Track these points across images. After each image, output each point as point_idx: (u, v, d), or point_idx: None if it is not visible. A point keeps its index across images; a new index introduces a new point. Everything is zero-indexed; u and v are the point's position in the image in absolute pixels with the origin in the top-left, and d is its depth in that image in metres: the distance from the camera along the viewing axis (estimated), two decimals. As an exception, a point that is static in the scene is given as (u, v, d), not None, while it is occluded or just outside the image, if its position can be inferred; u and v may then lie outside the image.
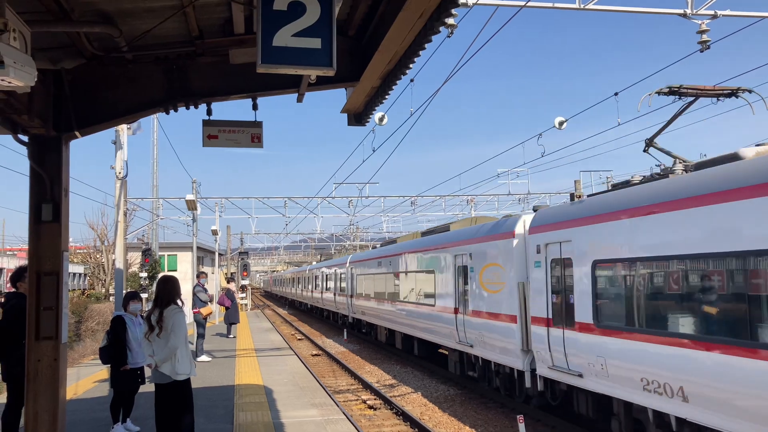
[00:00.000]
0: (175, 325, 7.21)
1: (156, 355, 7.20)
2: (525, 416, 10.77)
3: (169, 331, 7.16)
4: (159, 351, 7.19)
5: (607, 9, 11.28)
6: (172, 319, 7.22)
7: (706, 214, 7.55)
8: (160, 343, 7.19)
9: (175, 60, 6.70)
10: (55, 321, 6.27)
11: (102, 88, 6.67)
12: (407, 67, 6.34)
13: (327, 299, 35.93)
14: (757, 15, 11.51)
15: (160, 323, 7.18)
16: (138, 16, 5.68)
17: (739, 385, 6.94)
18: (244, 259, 46.11)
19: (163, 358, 7.17)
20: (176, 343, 7.18)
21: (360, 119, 7.93)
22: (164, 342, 7.17)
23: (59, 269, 6.34)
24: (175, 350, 7.19)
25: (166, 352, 7.16)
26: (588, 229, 9.83)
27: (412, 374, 18.31)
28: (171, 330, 7.17)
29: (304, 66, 4.47)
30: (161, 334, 7.17)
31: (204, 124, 7.01)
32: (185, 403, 7.40)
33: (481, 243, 13.91)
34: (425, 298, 17.70)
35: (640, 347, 8.51)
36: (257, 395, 12.36)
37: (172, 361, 7.20)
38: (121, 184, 14.62)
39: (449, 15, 5.32)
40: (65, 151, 6.58)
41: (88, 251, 41.55)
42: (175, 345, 7.17)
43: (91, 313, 23.90)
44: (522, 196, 36.01)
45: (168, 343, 7.15)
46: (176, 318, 7.26)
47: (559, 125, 16.78)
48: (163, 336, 7.17)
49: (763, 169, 6.97)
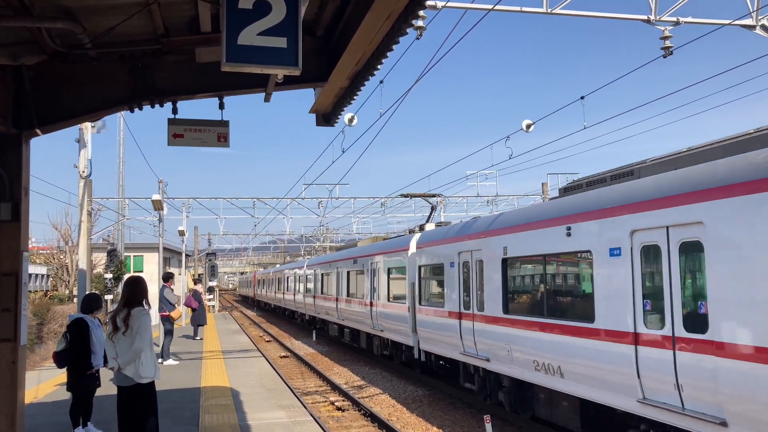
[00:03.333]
0: (141, 326, 7.04)
1: (120, 356, 7.01)
2: (492, 416, 10.87)
3: (135, 332, 6.99)
4: (123, 352, 7.00)
5: (573, 14, 11.45)
6: (139, 321, 7.06)
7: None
8: (124, 344, 7.00)
9: (141, 58, 6.61)
10: (14, 323, 6.13)
11: (65, 85, 6.55)
12: (375, 68, 6.35)
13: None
14: (717, 22, 11.81)
15: (127, 323, 7.01)
16: (102, 13, 5.59)
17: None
18: (211, 260, 45.61)
19: (126, 361, 6.99)
20: (141, 345, 7.02)
21: (329, 119, 7.92)
22: (129, 343, 7.00)
23: (18, 270, 6.21)
24: (139, 353, 7.02)
25: (130, 354, 6.98)
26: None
27: (381, 375, 18.34)
28: (136, 331, 7.00)
29: (270, 65, 4.46)
30: (126, 333, 6.98)
31: (169, 123, 6.93)
32: (149, 406, 7.25)
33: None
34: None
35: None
36: (224, 397, 12.24)
37: (136, 363, 7.02)
38: (85, 184, 14.37)
39: (416, 17, 5.36)
40: (25, 149, 6.45)
41: (51, 252, 40.62)
42: (140, 347, 7.01)
43: (53, 315, 23.33)
44: (491, 198, 36.33)
45: (132, 345, 6.98)
46: (143, 320, 7.11)
47: (526, 128, 16.94)
48: (128, 336, 6.99)
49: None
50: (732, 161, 6.91)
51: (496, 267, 11.43)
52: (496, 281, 11.45)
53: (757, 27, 11.92)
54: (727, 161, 7.00)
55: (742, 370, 6.23)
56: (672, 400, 7.17)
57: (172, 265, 41.18)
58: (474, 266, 12.52)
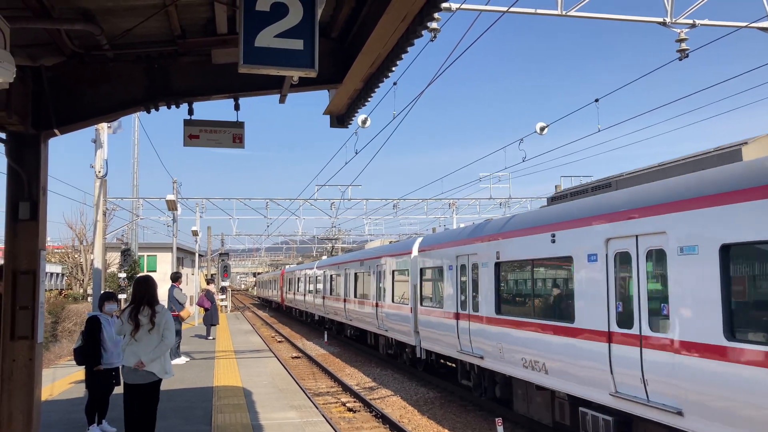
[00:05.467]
0: (168, 323, 7.28)
1: (144, 354, 7.10)
2: (504, 419, 10.83)
3: (162, 329, 7.19)
4: (147, 350, 7.11)
5: (588, 16, 11.40)
6: (165, 318, 7.28)
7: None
8: (149, 341, 7.13)
9: (157, 59, 6.66)
10: (31, 321, 6.20)
11: (82, 86, 6.62)
12: (390, 70, 6.36)
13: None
14: (734, 24, 11.71)
15: (153, 321, 7.16)
16: (119, 15, 5.65)
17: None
18: (224, 261, 45.78)
19: (152, 357, 7.12)
20: (172, 340, 7.32)
21: (342, 121, 7.95)
22: (154, 340, 7.15)
23: (36, 268, 6.27)
24: (169, 348, 7.30)
25: (158, 351, 7.15)
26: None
27: (392, 377, 18.33)
28: (165, 327, 7.21)
29: (286, 67, 4.48)
30: (152, 331, 7.14)
31: (185, 124, 6.98)
32: (156, 402, 7.45)
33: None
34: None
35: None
36: (236, 397, 12.29)
37: (162, 360, 7.21)
38: (100, 184, 14.49)
39: (432, 19, 5.36)
40: (44, 149, 6.52)
41: (66, 251, 40.95)
42: (170, 342, 7.28)
43: (68, 314, 23.56)
44: (503, 200, 36.18)
45: (163, 341, 7.19)
46: (168, 317, 7.35)
47: (540, 130, 16.90)
48: (155, 334, 7.15)
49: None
50: (689, 178, 7.61)
51: (490, 270, 12.05)
52: (489, 284, 12.08)
53: (774, 29, 11.80)
54: (686, 177, 7.72)
55: (694, 366, 6.94)
56: (639, 393, 7.87)
57: (185, 265, 41.40)
58: (470, 269, 13.16)
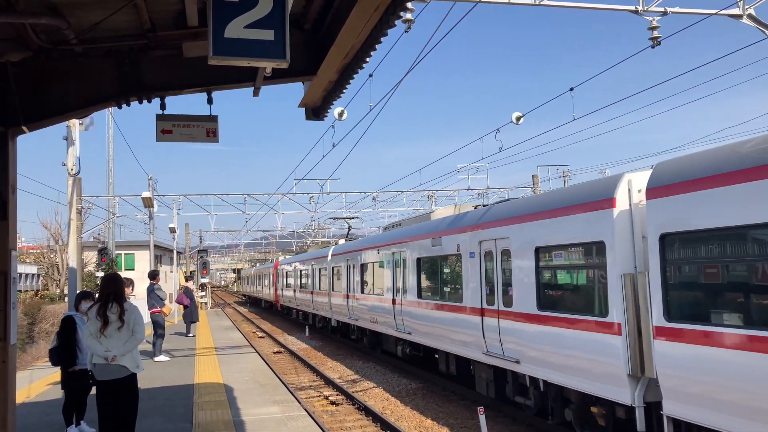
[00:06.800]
0: (137, 318, 7.43)
1: (114, 349, 7.20)
2: (485, 408, 10.89)
3: (132, 324, 7.32)
4: (118, 345, 7.22)
5: (561, 5, 11.45)
6: (134, 314, 7.41)
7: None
8: (120, 337, 7.25)
9: (127, 53, 6.54)
10: (3, 322, 6.09)
11: (51, 82, 6.48)
12: (364, 61, 6.32)
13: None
14: (704, 12, 11.84)
15: (122, 317, 7.27)
16: (87, 8, 5.52)
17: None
18: (203, 257, 45.40)
19: (123, 352, 7.25)
20: (142, 335, 7.46)
21: (318, 113, 7.88)
22: (125, 336, 7.26)
23: (7, 268, 6.16)
24: (140, 342, 7.44)
25: (129, 345, 7.28)
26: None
27: (375, 369, 18.36)
28: (134, 323, 7.35)
29: (257, 58, 4.42)
30: (122, 328, 7.26)
31: (158, 119, 6.89)
32: (135, 397, 7.50)
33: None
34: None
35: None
36: (217, 394, 12.22)
37: (133, 353, 7.38)
38: (73, 182, 14.24)
39: (404, 9, 5.32)
40: (12, 147, 6.38)
41: (41, 251, 40.39)
42: (141, 337, 7.41)
43: (44, 315, 23.23)
44: (481, 191, 36.34)
45: (134, 336, 7.32)
46: (137, 312, 7.49)
47: (516, 120, 16.97)
48: (125, 330, 7.27)
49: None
50: (527, 200, 11.85)
51: (413, 264, 15.67)
52: (413, 276, 15.65)
53: (744, 16, 11.96)
54: (523, 199, 12.30)
55: (524, 329, 10.32)
56: (499, 351, 11.19)
57: (163, 262, 41.04)
58: (401, 262, 16.63)
